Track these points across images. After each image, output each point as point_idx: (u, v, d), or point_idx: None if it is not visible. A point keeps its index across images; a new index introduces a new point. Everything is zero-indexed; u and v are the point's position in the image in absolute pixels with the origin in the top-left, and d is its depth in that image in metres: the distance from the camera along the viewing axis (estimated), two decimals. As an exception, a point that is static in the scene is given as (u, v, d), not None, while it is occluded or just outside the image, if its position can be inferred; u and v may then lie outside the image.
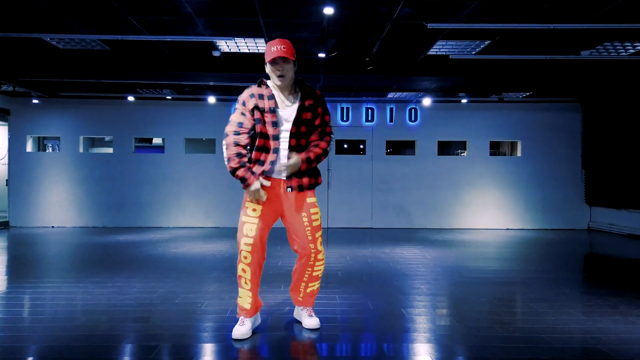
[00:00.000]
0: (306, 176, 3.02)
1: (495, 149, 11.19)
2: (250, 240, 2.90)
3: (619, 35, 5.63)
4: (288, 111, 2.98)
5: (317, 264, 3.10)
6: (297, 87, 3.06)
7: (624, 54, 6.36)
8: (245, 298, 3.02)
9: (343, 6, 4.88)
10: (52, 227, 9.59)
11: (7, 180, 9.80)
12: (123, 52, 6.56)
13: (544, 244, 7.72)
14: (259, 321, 3.21)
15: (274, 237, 4.65)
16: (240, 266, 2.96)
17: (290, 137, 2.96)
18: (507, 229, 9.83)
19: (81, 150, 9.90)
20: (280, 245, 6.56)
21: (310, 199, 3.05)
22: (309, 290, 3.20)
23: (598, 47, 6.07)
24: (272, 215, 3.03)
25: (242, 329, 2.99)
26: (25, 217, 9.70)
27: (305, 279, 3.15)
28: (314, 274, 3.13)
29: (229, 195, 9.78)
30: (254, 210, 2.94)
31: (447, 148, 11.95)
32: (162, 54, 6.68)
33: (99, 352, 2.78)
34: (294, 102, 3.00)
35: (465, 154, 10.34)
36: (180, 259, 5.90)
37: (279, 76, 2.92)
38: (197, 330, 3.19)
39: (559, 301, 3.97)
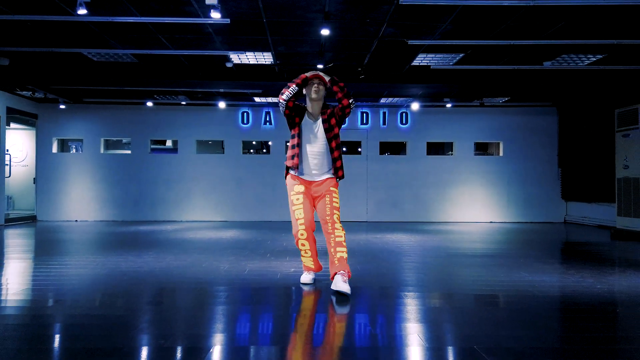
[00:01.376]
0: (340, 170, 3.96)
1: (484, 149, 12.14)
2: (302, 220, 3.85)
3: (573, 48, 6.61)
4: (316, 125, 3.89)
5: (335, 232, 3.86)
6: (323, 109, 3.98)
7: (581, 64, 7.34)
8: (308, 262, 4.01)
9: (337, 27, 5.87)
10: (76, 221, 10.55)
11: (34, 178, 10.77)
12: (148, 63, 7.56)
13: (521, 232, 8.67)
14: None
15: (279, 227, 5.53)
16: (299, 242, 3.89)
17: (329, 141, 3.87)
18: (490, 222, 10.78)
19: (102, 151, 10.88)
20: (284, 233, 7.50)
21: (333, 189, 3.96)
22: (338, 255, 3.88)
23: (558, 58, 7.05)
24: (310, 201, 3.94)
25: (308, 276, 4.06)
26: (51, 212, 10.66)
27: (332, 245, 3.90)
28: (337, 239, 3.88)
29: (236, 193, 10.76)
30: (297, 199, 3.89)
31: (440, 150, 12.91)
32: (181, 65, 7.68)
33: (154, 293, 3.74)
34: (317, 119, 3.92)
35: (452, 154, 11.31)
36: (198, 241, 6.86)
37: (315, 91, 3.83)
38: (223, 278, 4.15)
39: (514, 266, 4.92)
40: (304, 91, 3.92)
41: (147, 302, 3.44)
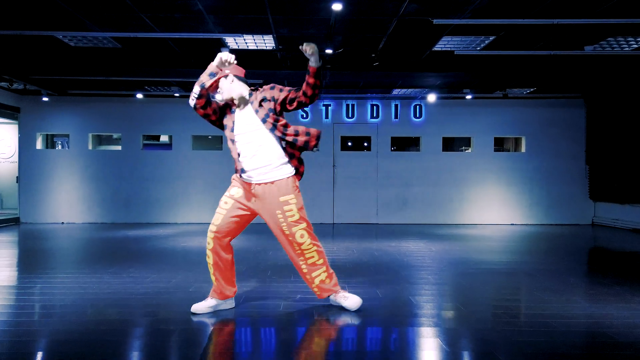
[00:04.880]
0: (294, 160, 3.19)
1: (500, 145, 11.27)
2: (214, 228, 3.17)
3: (623, 30, 5.71)
4: (244, 114, 3.21)
5: (305, 253, 3.21)
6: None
7: (627, 49, 6.43)
8: (213, 279, 3.30)
9: (351, 2, 4.98)
10: (62, 223, 9.73)
11: (17, 177, 9.94)
12: (134, 49, 6.68)
13: (548, 238, 7.80)
14: (229, 305, 3.39)
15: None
16: (206, 252, 3.26)
17: (272, 129, 3.13)
18: (511, 224, 9.91)
19: (90, 147, 10.03)
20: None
21: (283, 198, 3.14)
22: (316, 282, 3.29)
23: (602, 42, 6.15)
24: (242, 209, 3.20)
25: (199, 305, 3.29)
26: (35, 213, 9.84)
27: (305, 271, 3.26)
28: (309, 261, 3.23)
29: (236, 192, 9.90)
30: (225, 203, 3.21)
31: (450, 144, 12.03)
32: (171, 51, 6.80)
33: (118, 336, 2.89)
34: (245, 107, 3.23)
35: (469, 150, 10.42)
36: (190, 252, 6.02)
37: (220, 95, 3.29)
38: (213, 315, 3.30)
39: (564, 290, 4.06)
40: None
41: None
